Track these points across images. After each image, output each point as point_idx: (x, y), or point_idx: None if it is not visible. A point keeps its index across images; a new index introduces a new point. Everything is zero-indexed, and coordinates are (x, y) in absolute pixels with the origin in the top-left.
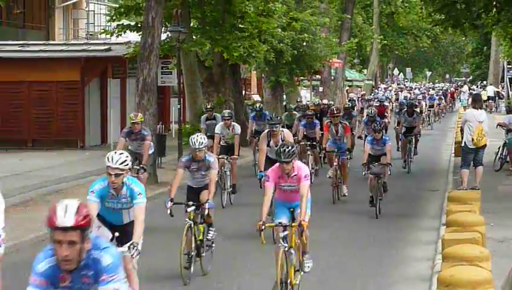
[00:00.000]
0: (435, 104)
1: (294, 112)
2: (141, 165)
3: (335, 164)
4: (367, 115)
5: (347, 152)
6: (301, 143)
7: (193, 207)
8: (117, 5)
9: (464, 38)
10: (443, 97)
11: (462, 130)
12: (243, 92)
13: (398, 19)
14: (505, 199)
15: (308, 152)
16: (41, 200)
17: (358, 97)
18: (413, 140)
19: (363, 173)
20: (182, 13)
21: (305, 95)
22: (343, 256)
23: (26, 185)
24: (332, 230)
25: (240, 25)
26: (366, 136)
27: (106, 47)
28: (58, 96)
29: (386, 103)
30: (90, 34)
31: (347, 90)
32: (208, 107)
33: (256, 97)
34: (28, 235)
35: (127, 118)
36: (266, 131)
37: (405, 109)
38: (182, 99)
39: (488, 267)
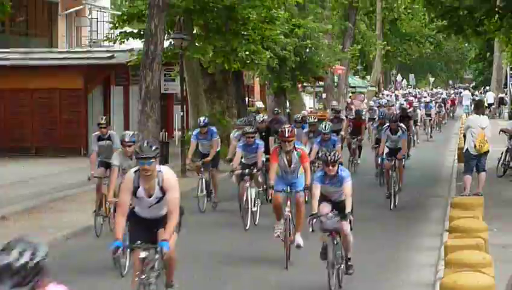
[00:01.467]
0: (432, 113)
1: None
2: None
3: (286, 211)
4: (319, 132)
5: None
6: (236, 172)
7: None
8: (120, 13)
9: (466, 44)
10: (442, 104)
11: (464, 136)
12: (246, 99)
13: (401, 25)
14: (508, 204)
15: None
16: (45, 207)
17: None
18: (396, 167)
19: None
20: (184, 20)
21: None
22: None
23: (29, 192)
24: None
25: (242, 32)
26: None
27: (109, 54)
28: (61, 103)
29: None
30: (93, 42)
31: (350, 96)
32: (101, 122)
33: (260, 104)
34: None
35: (130, 125)
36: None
37: (387, 125)
38: (184, 106)
39: (490, 273)
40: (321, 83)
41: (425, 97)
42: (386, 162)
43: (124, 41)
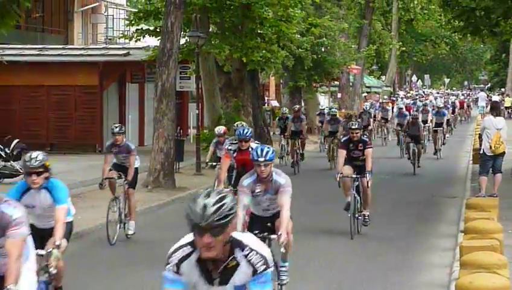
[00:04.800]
0: (444, 121)
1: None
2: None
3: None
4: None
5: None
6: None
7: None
8: (136, 10)
9: (482, 46)
10: (451, 108)
11: (480, 137)
12: (262, 97)
13: (417, 26)
14: None
15: None
16: None
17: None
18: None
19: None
20: (200, 18)
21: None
22: (360, 263)
23: None
24: (348, 237)
25: (259, 30)
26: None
27: (125, 52)
28: (76, 100)
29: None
30: (109, 39)
31: (365, 96)
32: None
33: (274, 103)
34: None
35: (145, 122)
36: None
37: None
38: (200, 104)
39: (506, 275)
40: (336, 83)
41: (432, 100)
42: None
43: (139, 39)
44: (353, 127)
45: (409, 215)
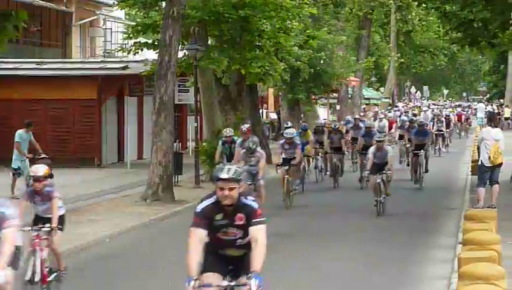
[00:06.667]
0: (427, 143)
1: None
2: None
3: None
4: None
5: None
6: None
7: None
8: (134, 23)
9: (480, 57)
10: (443, 122)
11: (478, 149)
12: (260, 110)
13: (416, 37)
14: None
15: None
16: None
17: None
18: None
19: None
20: (199, 31)
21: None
22: (359, 274)
23: None
24: (350, 247)
25: (257, 43)
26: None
27: (123, 65)
28: (75, 114)
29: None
30: (107, 52)
31: (364, 108)
32: None
33: (273, 115)
34: None
35: (144, 136)
36: None
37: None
38: (199, 117)
39: (504, 286)
40: (335, 95)
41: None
42: None
43: (138, 52)
44: None
45: (408, 227)
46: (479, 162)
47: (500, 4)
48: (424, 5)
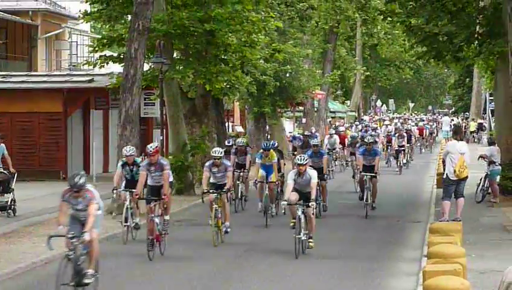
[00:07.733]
0: (375, 164)
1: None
2: None
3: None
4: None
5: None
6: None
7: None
8: (100, 36)
9: (446, 70)
10: (405, 137)
11: (444, 162)
12: (226, 123)
13: (381, 51)
14: (486, 230)
15: None
16: (24, 231)
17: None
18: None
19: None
20: (164, 44)
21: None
22: (324, 287)
23: (8, 216)
24: (316, 256)
25: (223, 56)
26: None
27: (89, 78)
28: (40, 127)
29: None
30: (73, 65)
31: (330, 121)
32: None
33: (239, 128)
34: (10, 267)
35: (110, 149)
36: None
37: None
38: (164, 130)
39: None
40: (301, 108)
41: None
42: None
43: (103, 65)
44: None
45: (373, 240)
46: (445, 175)
47: (465, 18)
48: (389, 19)
